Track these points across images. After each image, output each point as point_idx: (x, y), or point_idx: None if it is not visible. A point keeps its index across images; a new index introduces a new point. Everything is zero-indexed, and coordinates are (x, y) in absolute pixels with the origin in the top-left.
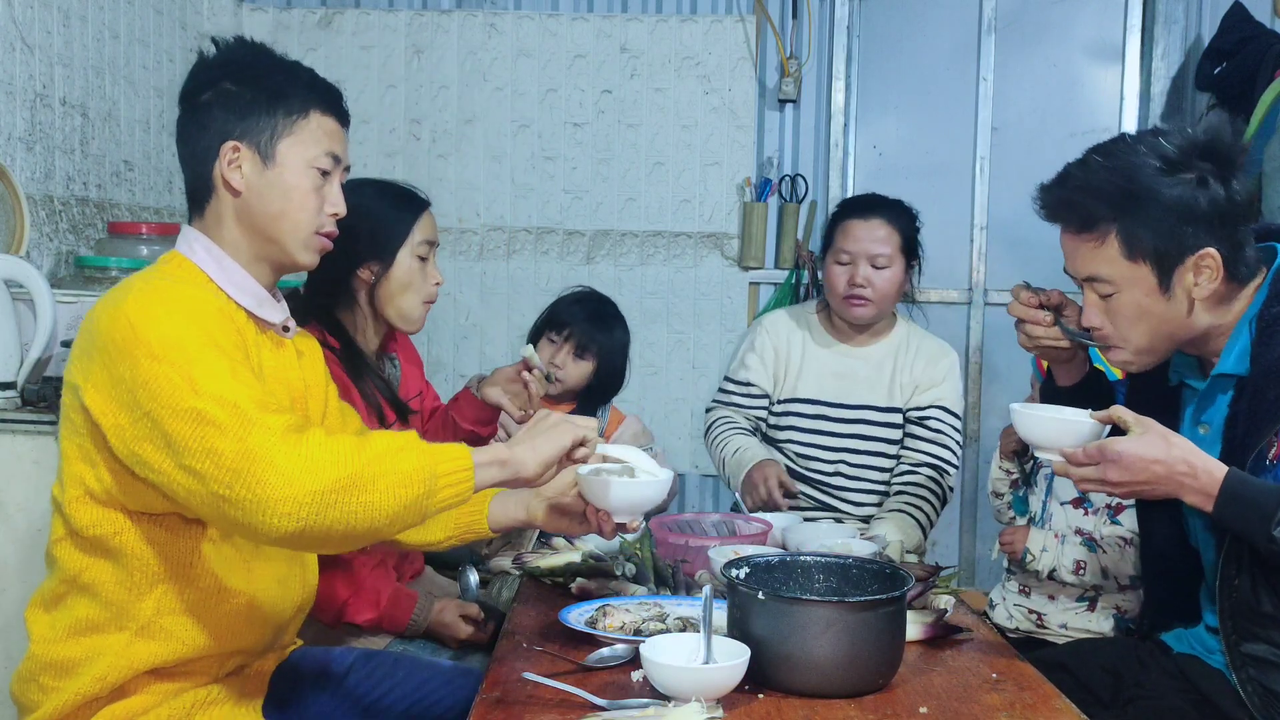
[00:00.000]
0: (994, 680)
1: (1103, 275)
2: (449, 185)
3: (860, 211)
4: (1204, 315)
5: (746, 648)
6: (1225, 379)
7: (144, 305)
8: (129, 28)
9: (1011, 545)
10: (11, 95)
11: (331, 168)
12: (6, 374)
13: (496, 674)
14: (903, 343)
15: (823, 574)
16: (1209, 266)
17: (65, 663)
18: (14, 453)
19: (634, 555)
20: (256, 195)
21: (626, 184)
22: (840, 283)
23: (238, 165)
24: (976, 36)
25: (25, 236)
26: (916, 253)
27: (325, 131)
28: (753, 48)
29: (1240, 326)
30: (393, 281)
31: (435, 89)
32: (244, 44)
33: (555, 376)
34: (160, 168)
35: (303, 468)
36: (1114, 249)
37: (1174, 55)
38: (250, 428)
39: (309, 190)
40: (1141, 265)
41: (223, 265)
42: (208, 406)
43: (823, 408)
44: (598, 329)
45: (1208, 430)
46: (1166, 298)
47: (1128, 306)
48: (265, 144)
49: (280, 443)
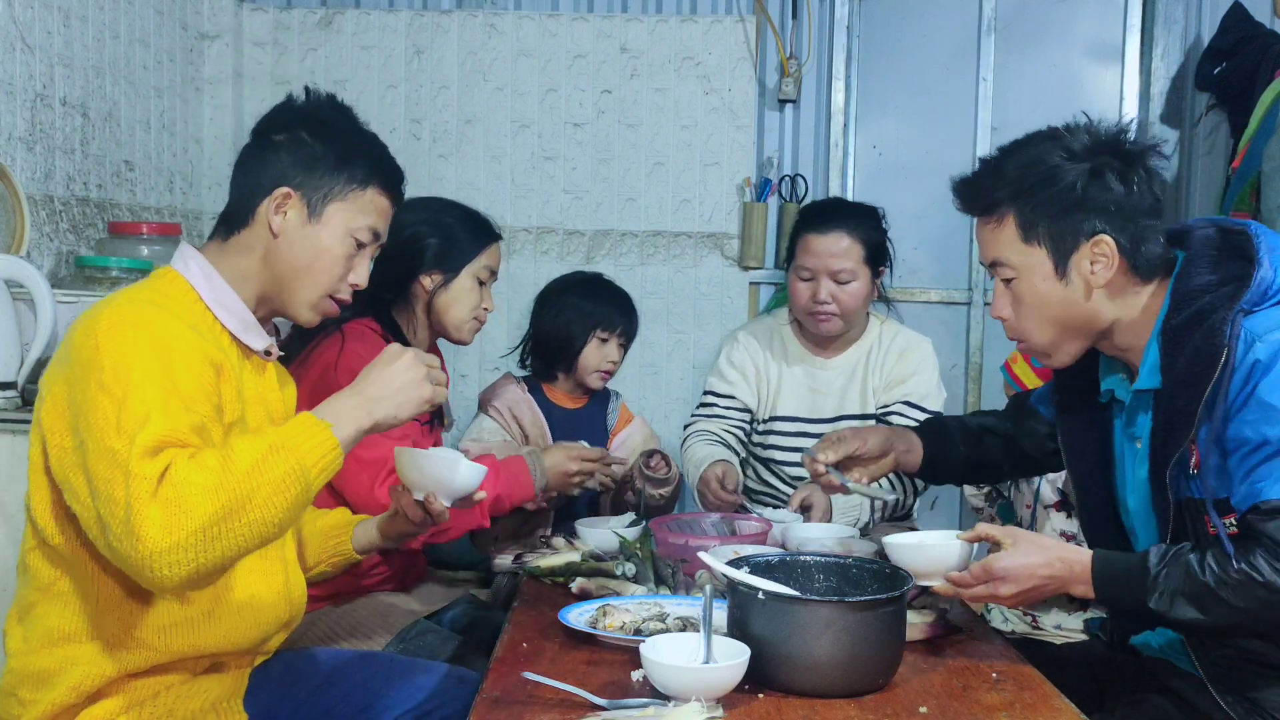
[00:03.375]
0: (994, 680)
1: (1003, 259)
2: (449, 185)
3: (818, 224)
4: (1107, 304)
5: (746, 648)
6: (1145, 394)
7: (114, 326)
8: (129, 28)
9: None
10: (12, 95)
11: (369, 241)
12: (7, 374)
13: (496, 674)
14: (875, 344)
15: (823, 574)
16: (1104, 254)
17: (40, 674)
18: (14, 453)
19: (634, 555)
20: (289, 244)
21: (626, 184)
22: (804, 298)
23: (283, 210)
24: (976, 36)
25: (25, 236)
26: (884, 258)
27: (377, 208)
28: (753, 48)
29: (1153, 340)
30: (450, 293)
31: (435, 89)
32: (334, 103)
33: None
34: (161, 168)
35: (175, 511)
36: (1011, 232)
37: (1174, 55)
38: (129, 480)
39: (340, 256)
40: (1037, 249)
41: (214, 284)
42: (121, 449)
43: (801, 424)
44: (633, 315)
45: (1141, 444)
46: (1064, 283)
47: (1028, 293)
48: (317, 200)
49: (149, 493)
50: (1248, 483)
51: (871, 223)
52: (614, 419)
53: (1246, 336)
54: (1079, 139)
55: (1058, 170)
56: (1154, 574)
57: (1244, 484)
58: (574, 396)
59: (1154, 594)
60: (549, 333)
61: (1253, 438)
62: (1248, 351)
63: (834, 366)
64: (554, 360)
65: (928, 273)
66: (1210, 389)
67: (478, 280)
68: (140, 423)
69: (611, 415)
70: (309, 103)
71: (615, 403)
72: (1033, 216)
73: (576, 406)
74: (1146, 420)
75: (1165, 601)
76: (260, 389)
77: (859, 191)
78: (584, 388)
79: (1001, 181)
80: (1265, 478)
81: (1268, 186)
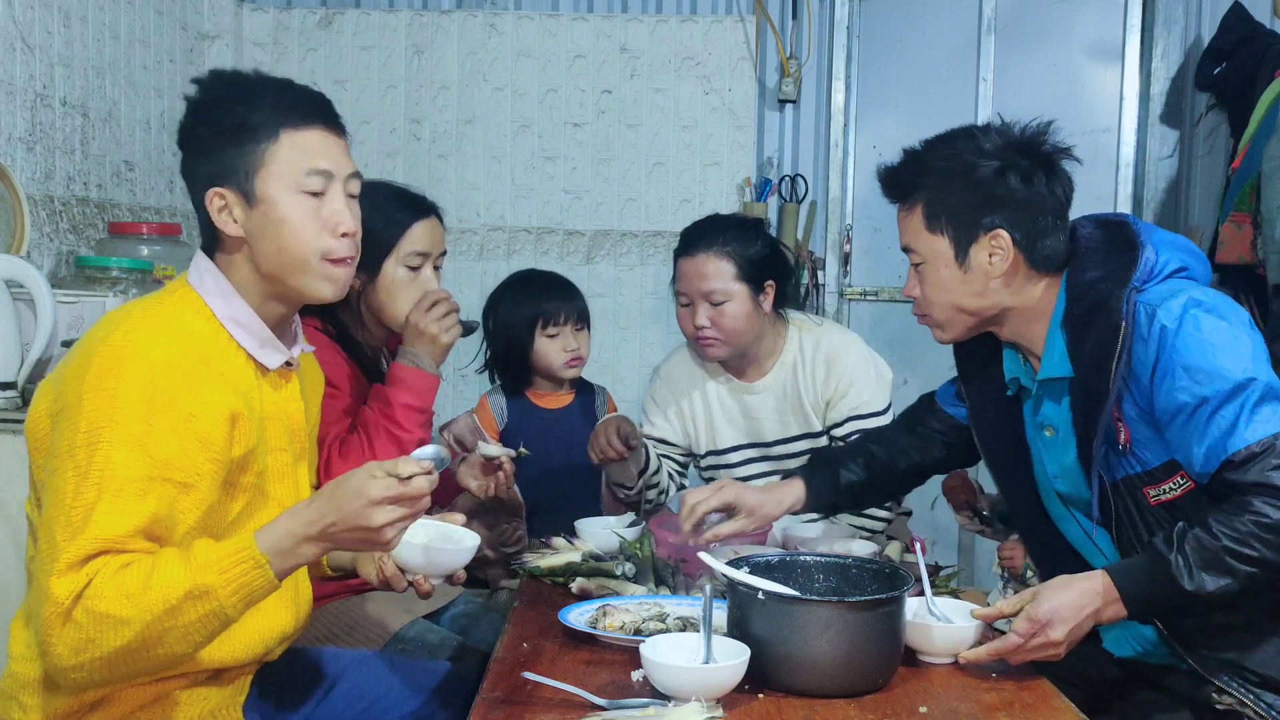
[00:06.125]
0: (994, 680)
1: (911, 245)
2: (449, 185)
3: (686, 248)
4: (1002, 293)
5: (746, 648)
6: (1054, 383)
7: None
8: (129, 28)
9: (1011, 561)
10: (12, 95)
11: (323, 186)
12: (7, 374)
13: (496, 674)
14: (797, 359)
15: (823, 574)
16: (1001, 247)
17: (45, 681)
18: (15, 453)
19: (634, 555)
20: (253, 238)
21: (626, 184)
22: (686, 326)
23: (228, 211)
24: (976, 37)
25: (26, 237)
26: (770, 271)
27: (302, 149)
28: (753, 48)
29: (1054, 332)
30: (381, 290)
31: (435, 89)
32: (213, 78)
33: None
34: (161, 168)
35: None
36: (918, 219)
37: (1174, 55)
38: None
39: (303, 217)
40: (940, 237)
41: (230, 303)
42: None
43: (749, 450)
44: (574, 295)
45: (1053, 433)
46: (963, 271)
47: (931, 276)
48: (243, 183)
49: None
50: (1205, 444)
51: (748, 236)
52: (602, 414)
53: (1145, 309)
54: (991, 139)
55: (966, 165)
56: (1172, 560)
57: (1201, 446)
58: (557, 396)
59: (1183, 577)
60: (498, 343)
61: (1189, 401)
62: (1151, 322)
63: (760, 389)
64: (513, 368)
65: None
66: (1116, 363)
67: (408, 268)
68: (83, 518)
69: (600, 410)
70: (195, 95)
71: (601, 397)
72: (938, 207)
73: (561, 406)
74: (1055, 408)
75: (1196, 580)
76: (280, 403)
77: (859, 191)
78: (565, 384)
79: (917, 172)
80: (1221, 432)
81: (1268, 187)
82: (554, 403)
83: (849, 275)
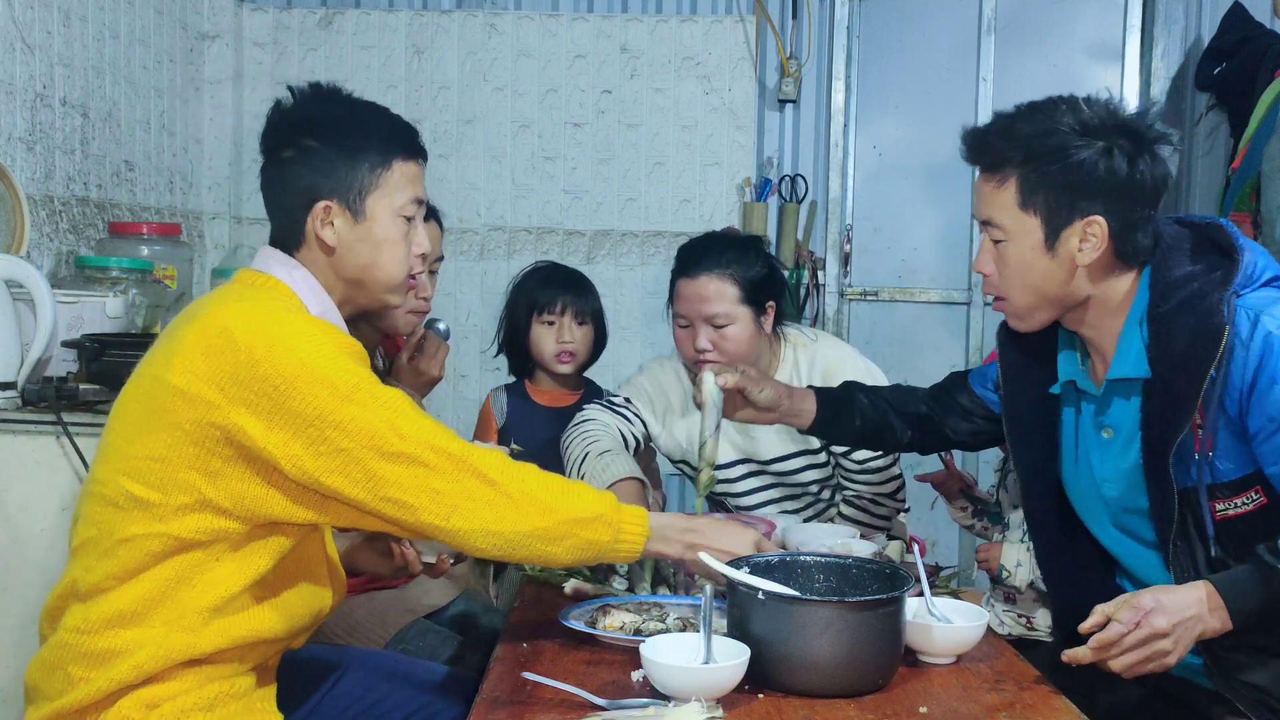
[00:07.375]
0: (994, 680)
1: (996, 220)
2: (449, 185)
3: (687, 269)
4: (1085, 284)
5: (746, 648)
6: (1125, 383)
7: (308, 341)
8: (129, 28)
9: (987, 563)
10: (12, 95)
11: (415, 212)
12: (7, 374)
13: (496, 674)
14: (793, 376)
15: (823, 574)
16: (1095, 235)
17: (101, 653)
18: (14, 453)
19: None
20: (348, 249)
21: (626, 184)
22: (686, 348)
23: (330, 223)
24: (976, 37)
25: (25, 236)
26: (770, 292)
27: (408, 178)
28: (752, 48)
29: (1130, 329)
30: None
31: (435, 89)
32: (319, 93)
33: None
34: (161, 168)
35: (513, 507)
36: (1010, 195)
37: (1174, 55)
38: (463, 472)
39: (398, 239)
40: (1032, 217)
41: (319, 298)
42: (418, 451)
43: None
44: (583, 291)
45: (1112, 434)
46: (1050, 256)
47: (1014, 257)
48: (354, 200)
49: (490, 486)
50: None
51: (750, 257)
52: None
53: (1248, 314)
54: (1096, 111)
55: (1067, 143)
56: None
57: None
58: (560, 394)
59: None
60: (504, 328)
61: None
62: (1254, 328)
63: None
64: (514, 352)
65: (927, 273)
66: (1213, 369)
67: None
68: (416, 425)
69: None
70: (298, 105)
71: None
72: (1034, 185)
73: (563, 405)
74: (1122, 410)
75: None
76: None
77: (859, 191)
78: (569, 382)
79: (1011, 143)
80: None
81: (1268, 187)
82: (556, 401)
83: (849, 275)
